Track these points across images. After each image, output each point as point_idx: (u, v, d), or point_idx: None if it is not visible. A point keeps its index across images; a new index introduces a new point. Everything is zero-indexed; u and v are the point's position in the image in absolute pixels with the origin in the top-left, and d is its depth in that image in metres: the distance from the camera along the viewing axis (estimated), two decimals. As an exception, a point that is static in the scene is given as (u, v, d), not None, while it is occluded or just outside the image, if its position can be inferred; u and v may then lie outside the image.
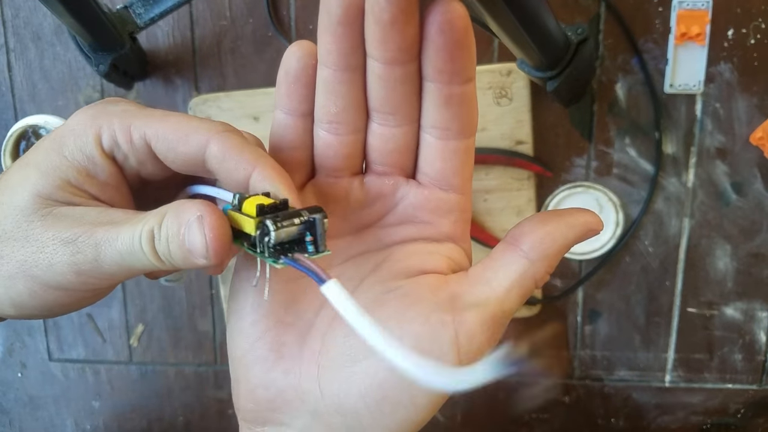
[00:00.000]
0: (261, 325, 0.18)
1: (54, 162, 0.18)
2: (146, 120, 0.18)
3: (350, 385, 0.17)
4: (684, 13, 0.40)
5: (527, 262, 0.17)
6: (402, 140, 0.18)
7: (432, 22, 0.16)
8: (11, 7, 0.44)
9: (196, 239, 0.16)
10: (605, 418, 0.48)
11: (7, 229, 0.17)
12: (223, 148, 0.17)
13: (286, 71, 0.18)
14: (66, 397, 0.51)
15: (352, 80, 0.17)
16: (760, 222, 0.44)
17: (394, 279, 0.18)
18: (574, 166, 0.44)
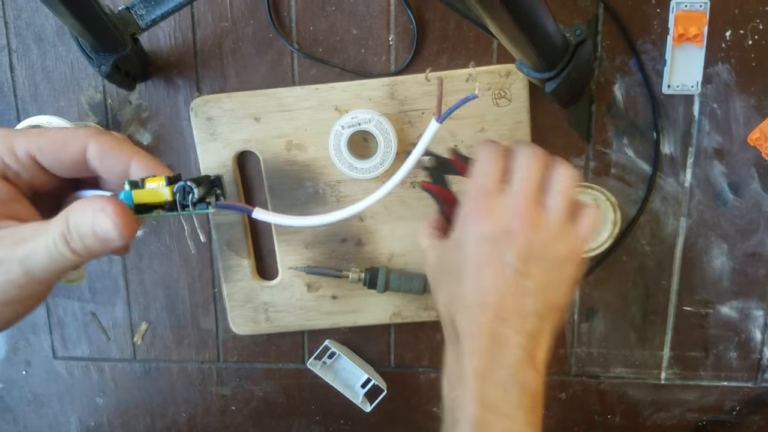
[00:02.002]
0: None
1: None
2: (26, 137, 0.21)
3: None
4: (682, 15, 0.40)
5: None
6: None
7: None
8: (13, 8, 0.45)
9: (107, 226, 0.19)
10: (601, 415, 0.49)
11: None
12: (101, 148, 0.21)
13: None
14: (70, 395, 0.52)
15: None
16: (757, 222, 0.44)
17: None
18: (573, 166, 0.44)
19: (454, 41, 0.43)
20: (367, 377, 0.47)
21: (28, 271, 0.20)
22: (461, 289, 0.29)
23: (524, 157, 0.30)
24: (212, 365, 0.50)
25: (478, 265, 0.29)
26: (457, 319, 0.29)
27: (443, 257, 0.31)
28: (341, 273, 0.44)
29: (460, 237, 0.30)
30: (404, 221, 0.45)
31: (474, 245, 0.29)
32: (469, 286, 0.29)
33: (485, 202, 0.29)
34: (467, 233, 0.29)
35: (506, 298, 0.28)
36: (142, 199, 0.20)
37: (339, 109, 0.43)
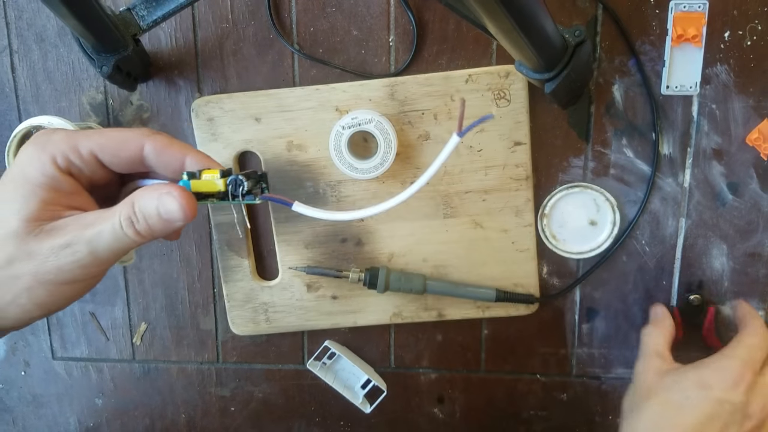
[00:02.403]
0: None
1: (27, 191, 0.22)
2: (89, 138, 0.23)
3: None
4: (681, 15, 0.40)
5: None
6: None
7: None
8: (15, 9, 0.45)
9: (172, 207, 0.22)
10: (602, 416, 0.49)
11: (10, 253, 0.22)
12: (157, 146, 0.24)
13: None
14: (69, 395, 0.52)
15: None
16: (756, 222, 0.44)
17: None
18: (572, 166, 0.44)
19: (454, 42, 0.43)
20: (367, 378, 0.47)
21: (94, 252, 0.22)
22: (676, 427, 0.30)
23: (748, 328, 0.33)
24: (212, 366, 0.50)
25: (706, 420, 0.30)
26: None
27: (674, 381, 0.32)
28: (341, 273, 0.44)
29: (707, 380, 0.31)
30: (404, 221, 0.45)
31: (716, 400, 0.30)
32: (682, 429, 0.30)
33: (749, 375, 0.31)
34: (717, 384, 0.30)
35: None
36: (198, 189, 0.23)
37: (339, 109, 0.43)
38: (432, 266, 0.45)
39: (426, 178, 0.26)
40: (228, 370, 0.50)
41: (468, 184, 0.44)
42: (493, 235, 0.44)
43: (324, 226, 0.45)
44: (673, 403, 0.31)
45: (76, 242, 0.22)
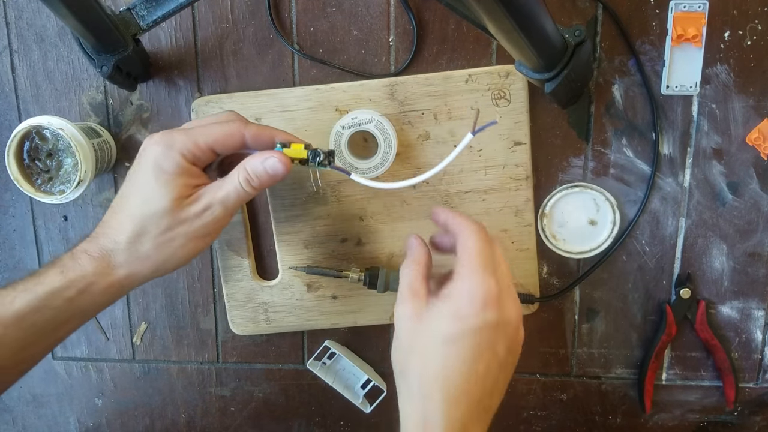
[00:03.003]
0: None
1: (167, 179, 0.31)
2: (204, 135, 0.32)
3: None
4: (681, 15, 0.40)
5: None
6: None
7: None
8: (15, 9, 0.45)
9: (275, 164, 0.31)
10: (602, 416, 0.49)
11: (167, 224, 0.31)
12: (254, 134, 0.33)
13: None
14: (69, 395, 0.52)
15: None
16: (756, 222, 0.44)
17: None
18: (572, 166, 0.45)
19: (454, 42, 0.43)
20: (367, 378, 0.47)
21: (225, 208, 0.32)
22: (448, 368, 0.28)
23: (497, 246, 0.32)
24: (212, 366, 0.50)
25: (474, 351, 0.28)
26: (435, 398, 0.28)
27: (431, 319, 0.29)
28: (341, 273, 0.44)
29: (462, 310, 0.29)
30: (404, 221, 0.45)
31: (476, 328, 0.28)
32: (458, 369, 0.28)
33: (494, 286, 0.29)
34: (472, 311, 0.28)
35: (484, 393, 0.28)
36: (288, 154, 0.33)
37: (339, 109, 0.43)
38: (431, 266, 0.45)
39: (449, 159, 0.34)
40: (228, 370, 0.50)
41: (468, 184, 0.44)
42: (493, 235, 0.44)
43: (324, 226, 0.45)
44: (436, 358, 0.28)
45: (213, 204, 0.31)
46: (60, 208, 0.48)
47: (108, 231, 0.32)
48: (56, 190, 0.43)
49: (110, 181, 0.47)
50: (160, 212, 0.31)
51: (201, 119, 0.35)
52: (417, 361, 0.29)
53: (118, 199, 0.32)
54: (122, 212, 0.31)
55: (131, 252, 0.31)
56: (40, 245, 0.48)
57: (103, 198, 0.47)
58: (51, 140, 0.42)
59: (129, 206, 0.31)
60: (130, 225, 0.31)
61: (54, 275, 0.30)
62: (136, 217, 0.31)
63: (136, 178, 0.32)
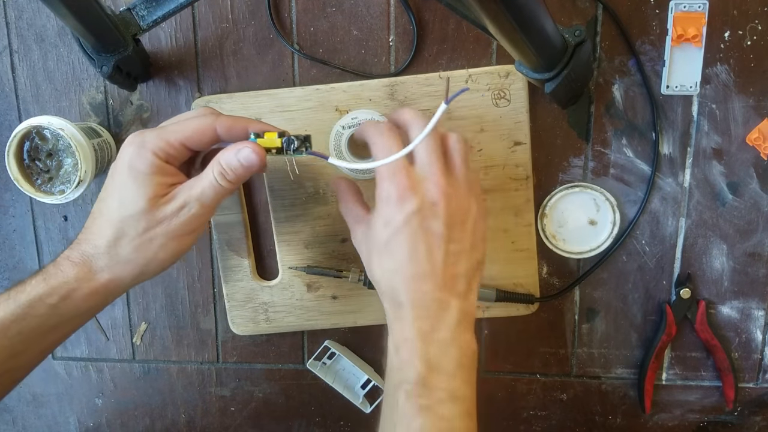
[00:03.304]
0: None
1: (141, 179, 0.30)
2: (174, 131, 0.31)
3: None
4: (681, 15, 0.40)
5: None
6: None
7: None
8: (15, 9, 0.45)
9: (249, 155, 0.30)
10: (602, 416, 0.49)
11: (144, 225, 0.31)
12: (226, 126, 0.32)
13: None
14: (69, 395, 0.52)
15: None
16: (756, 222, 0.44)
17: None
18: (572, 166, 0.45)
19: (454, 42, 0.43)
20: (367, 378, 0.47)
21: (203, 204, 0.31)
22: (398, 263, 0.31)
23: (417, 128, 0.32)
24: (212, 366, 0.50)
25: (411, 240, 0.31)
26: (399, 289, 0.31)
27: (372, 233, 0.33)
28: (341, 273, 0.44)
29: (386, 215, 0.31)
30: (404, 221, 0.45)
31: (403, 222, 0.31)
32: (405, 259, 0.31)
33: (404, 180, 0.31)
34: (393, 211, 0.31)
35: (439, 266, 0.31)
36: (262, 144, 0.32)
37: (339, 109, 0.43)
38: (432, 266, 0.45)
39: (422, 136, 0.31)
40: (228, 370, 0.50)
41: (468, 184, 0.44)
42: (493, 235, 0.44)
43: (324, 226, 0.45)
44: (378, 245, 0.32)
45: (189, 201, 0.31)
46: (60, 208, 0.48)
47: (89, 236, 0.31)
48: (56, 190, 0.43)
49: (110, 181, 0.47)
50: (137, 213, 0.30)
51: (175, 116, 0.34)
52: (378, 273, 0.33)
53: (97, 204, 0.32)
54: (101, 216, 0.31)
55: (112, 256, 0.31)
56: (40, 245, 0.48)
57: (103, 198, 0.47)
58: (51, 140, 0.42)
59: (107, 210, 0.31)
60: (109, 229, 0.31)
61: (36, 283, 0.30)
62: (114, 221, 0.30)
63: (111, 180, 0.31)
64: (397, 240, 0.31)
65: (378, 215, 0.32)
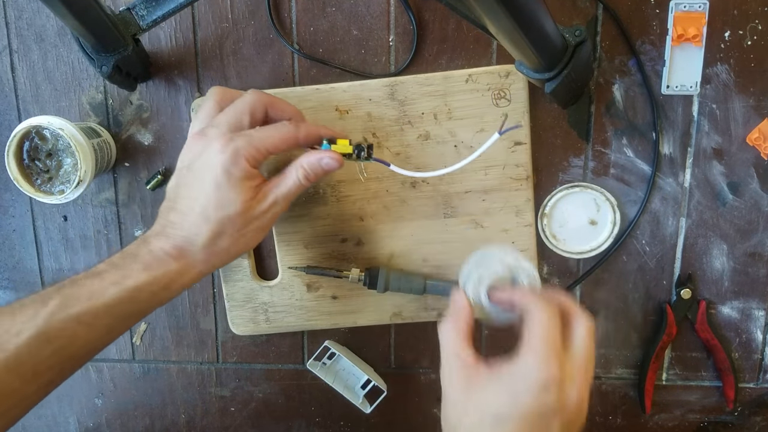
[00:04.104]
0: None
1: (236, 183, 0.34)
2: (262, 139, 0.35)
3: None
4: (681, 15, 0.40)
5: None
6: None
7: None
8: (14, 9, 0.45)
9: (333, 164, 0.36)
10: (602, 416, 0.49)
11: (241, 224, 0.34)
12: (306, 135, 0.36)
13: None
14: (69, 395, 0.51)
15: None
16: (757, 222, 0.44)
17: None
18: (572, 166, 0.44)
19: (454, 42, 0.43)
20: (367, 378, 0.47)
21: (287, 200, 0.36)
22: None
23: (583, 328, 0.30)
24: (211, 366, 0.50)
25: (529, 422, 0.28)
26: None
27: (483, 398, 0.29)
28: (341, 273, 0.44)
29: (516, 388, 0.28)
30: (404, 221, 0.45)
31: (533, 413, 0.28)
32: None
33: (556, 371, 0.28)
34: (527, 390, 0.28)
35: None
36: (336, 150, 0.37)
37: (339, 109, 0.43)
38: (432, 266, 0.45)
39: (476, 154, 0.38)
40: (228, 370, 0.50)
41: (468, 184, 0.44)
42: (493, 235, 0.44)
43: (324, 226, 0.45)
44: (481, 403, 0.29)
45: (278, 199, 0.35)
46: (60, 208, 0.48)
47: (183, 233, 0.34)
48: (56, 190, 0.43)
49: (110, 181, 0.47)
50: (235, 214, 0.34)
51: (237, 106, 0.36)
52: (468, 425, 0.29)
53: (184, 200, 0.34)
54: (193, 214, 0.34)
55: (209, 251, 0.34)
56: (40, 245, 0.48)
57: (103, 198, 0.47)
58: (51, 140, 0.42)
59: (202, 209, 0.34)
60: (206, 227, 0.34)
61: (139, 272, 0.33)
62: (212, 220, 0.34)
63: (203, 182, 0.34)
64: (511, 423, 0.28)
65: (508, 383, 0.29)
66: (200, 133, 0.35)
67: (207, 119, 0.36)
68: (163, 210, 0.36)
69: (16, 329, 0.30)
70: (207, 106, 0.37)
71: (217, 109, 0.37)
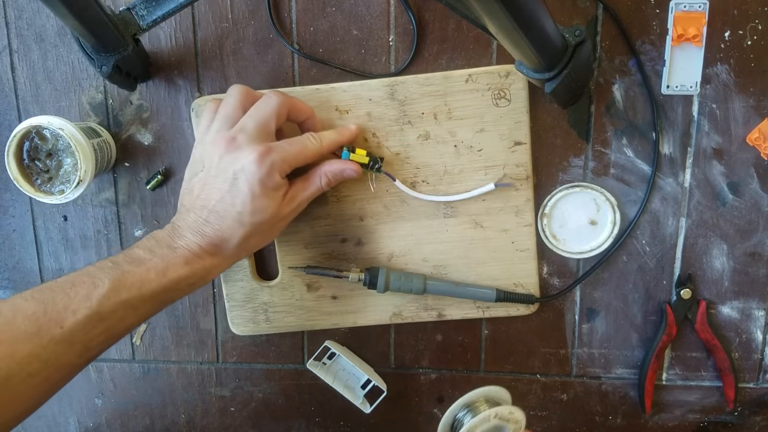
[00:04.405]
0: None
1: (269, 193, 0.37)
2: (296, 156, 0.38)
3: None
4: (681, 15, 0.40)
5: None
6: None
7: None
8: (14, 9, 0.45)
9: (353, 174, 0.41)
10: (603, 416, 0.49)
11: (274, 222, 0.38)
12: (329, 147, 0.40)
13: None
14: (69, 395, 0.51)
15: None
16: (757, 221, 0.44)
17: None
18: (572, 166, 0.44)
19: (454, 42, 0.43)
20: (367, 378, 0.47)
21: (309, 202, 0.40)
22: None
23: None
24: (211, 366, 0.50)
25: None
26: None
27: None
28: (341, 273, 0.44)
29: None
30: (404, 221, 0.45)
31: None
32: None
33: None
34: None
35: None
36: (354, 159, 0.41)
37: (339, 109, 0.43)
38: (432, 266, 0.45)
39: (470, 195, 0.43)
40: (228, 370, 0.50)
41: (468, 183, 0.44)
42: (493, 234, 0.44)
43: (324, 226, 0.45)
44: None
45: (302, 202, 0.40)
46: (60, 208, 0.48)
47: (219, 234, 0.37)
48: (56, 190, 0.43)
49: (110, 180, 0.47)
50: (268, 219, 0.37)
51: (263, 110, 0.38)
52: None
53: (219, 204, 0.37)
54: (230, 219, 0.37)
55: (241, 248, 0.38)
56: (39, 245, 0.48)
57: (103, 198, 0.47)
58: (51, 140, 0.42)
59: (239, 215, 0.36)
60: (241, 230, 0.37)
61: (180, 266, 0.36)
62: (246, 224, 0.37)
63: (238, 191, 0.36)
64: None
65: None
66: (231, 138, 0.37)
67: (229, 120, 0.38)
68: (194, 204, 0.37)
69: (73, 307, 0.33)
70: (229, 104, 0.38)
71: (241, 109, 0.38)
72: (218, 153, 0.37)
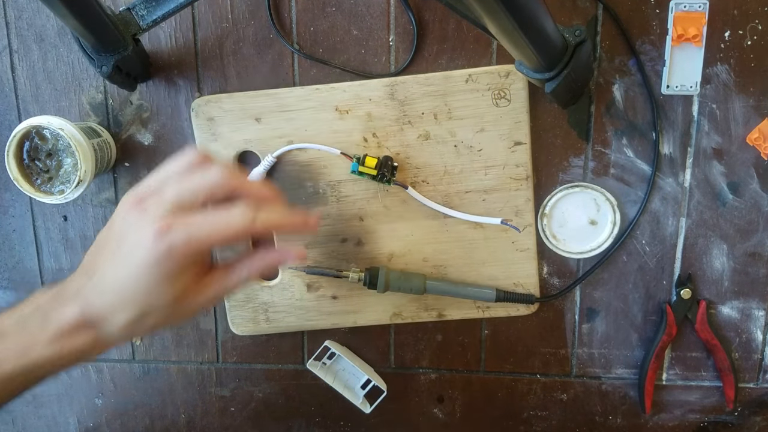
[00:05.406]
0: None
1: (170, 278, 0.30)
2: (208, 235, 0.30)
3: None
4: (681, 15, 0.40)
5: None
6: None
7: None
8: (14, 9, 0.45)
9: (293, 263, 0.40)
10: (603, 416, 0.49)
11: (175, 309, 0.31)
12: (264, 228, 0.31)
13: None
14: (69, 395, 0.51)
15: None
16: (757, 221, 0.44)
17: None
18: (572, 166, 0.44)
19: (454, 42, 0.43)
20: (367, 378, 0.47)
21: (230, 294, 0.38)
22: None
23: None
24: (211, 366, 0.50)
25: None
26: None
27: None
28: (341, 273, 0.44)
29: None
30: (404, 221, 0.45)
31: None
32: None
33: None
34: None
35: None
36: (363, 171, 0.41)
37: (339, 109, 0.43)
38: (432, 266, 0.45)
39: (476, 219, 0.44)
40: (228, 370, 0.50)
41: (468, 183, 0.44)
42: (493, 235, 0.44)
43: (324, 226, 0.45)
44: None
45: (219, 295, 0.32)
46: (60, 208, 0.48)
47: (95, 309, 0.30)
48: (56, 190, 0.43)
49: (110, 181, 0.47)
50: (167, 305, 0.30)
51: (197, 181, 0.30)
52: None
53: (106, 278, 0.30)
54: (123, 295, 0.30)
55: (127, 332, 0.31)
56: (39, 245, 0.48)
57: (103, 198, 0.47)
58: (51, 140, 0.42)
59: (130, 294, 0.30)
60: (131, 311, 0.30)
61: (44, 344, 0.30)
62: (137, 305, 0.30)
63: (130, 266, 0.29)
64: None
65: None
66: (140, 202, 0.30)
67: (162, 181, 0.31)
68: (84, 266, 0.32)
69: None
70: (173, 164, 0.31)
71: (187, 171, 0.31)
72: (122, 212, 0.30)
